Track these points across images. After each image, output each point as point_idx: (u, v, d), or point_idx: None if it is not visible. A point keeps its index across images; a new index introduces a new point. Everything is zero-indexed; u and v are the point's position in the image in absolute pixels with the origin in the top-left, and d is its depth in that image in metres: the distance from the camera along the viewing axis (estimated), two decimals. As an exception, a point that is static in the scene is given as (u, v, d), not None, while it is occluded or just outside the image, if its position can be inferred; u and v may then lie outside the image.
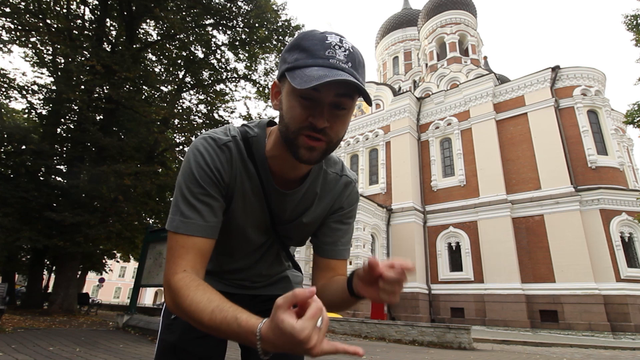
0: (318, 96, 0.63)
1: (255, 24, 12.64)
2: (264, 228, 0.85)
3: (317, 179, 0.84)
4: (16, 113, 13.67)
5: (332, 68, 0.61)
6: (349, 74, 0.62)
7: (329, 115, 0.64)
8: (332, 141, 0.67)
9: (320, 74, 0.59)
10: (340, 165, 0.89)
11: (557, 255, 17.23)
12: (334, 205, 0.87)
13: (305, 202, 0.84)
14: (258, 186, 0.79)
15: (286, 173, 0.79)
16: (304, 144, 0.66)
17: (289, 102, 0.66)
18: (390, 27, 38.01)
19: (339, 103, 0.64)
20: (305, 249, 20.95)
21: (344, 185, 0.87)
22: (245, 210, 0.80)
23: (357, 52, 0.66)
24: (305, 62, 0.63)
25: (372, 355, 6.20)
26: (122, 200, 10.64)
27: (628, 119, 10.53)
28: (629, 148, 25.10)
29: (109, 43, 12.23)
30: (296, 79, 0.61)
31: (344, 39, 0.65)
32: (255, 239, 0.86)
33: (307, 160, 0.67)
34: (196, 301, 0.61)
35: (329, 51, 0.62)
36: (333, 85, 0.61)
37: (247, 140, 0.78)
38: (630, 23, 10.19)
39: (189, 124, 12.64)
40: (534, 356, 7.56)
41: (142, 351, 4.86)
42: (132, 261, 23.51)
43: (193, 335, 0.84)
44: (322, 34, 0.65)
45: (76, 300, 12.07)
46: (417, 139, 24.33)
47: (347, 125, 0.69)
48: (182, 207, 0.70)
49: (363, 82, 0.65)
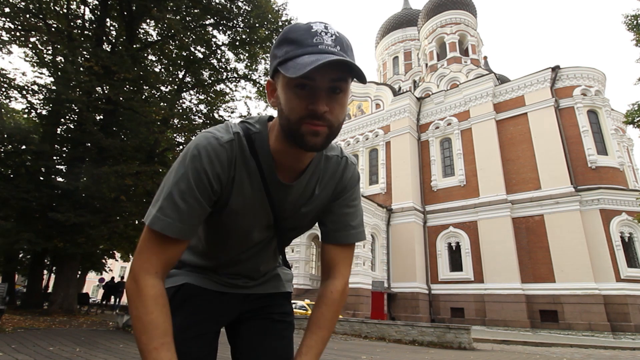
0: (313, 84, 0.64)
1: (256, 24, 12.63)
2: (265, 224, 0.85)
3: (319, 166, 0.84)
4: (16, 113, 13.65)
5: (322, 53, 0.62)
6: (339, 56, 0.62)
7: (327, 100, 0.65)
8: (333, 125, 0.67)
9: (312, 60, 0.60)
10: (339, 148, 0.89)
11: (557, 255, 17.23)
12: (336, 188, 0.87)
13: (307, 191, 0.84)
14: (259, 183, 0.78)
15: (291, 166, 0.79)
16: (307, 130, 0.66)
17: (286, 94, 0.66)
18: (390, 27, 38.02)
19: (334, 87, 0.65)
20: (305, 249, 20.96)
21: (344, 166, 0.87)
22: (245, 209, 0.79)
23: (343, 37, 0.67)
24: (295, 53, 0.63)
25: (372, 355, 6.20)
26: (124, 200, 10.64)
27: (628, 119, 10.53)
28: (629, 148, 25.11)
29: (108, 43, 12.22)
30: (289, 69, 0.62)
31: (328, 25, 0.66)
32: (256, 236, 0.86)
33: (313, 146, 0.68)
34: (154, 324, 0.66)
35: (317, 38, 0.63)
36: (327, 70, 0.62)
37: (250, 137, 0.77)
38: (630, 23, 10.19)
39: (189, 124, 12.62)
40: (534, 356, 7.56)
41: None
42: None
43: (187, 335, 0.84)
44: (307, 24, 0.66)
45: (76, 300, 12.06)
46: (417, 139, 24.34)
47: (345, 108, 0.70)
48: (163, 203, 0.69)
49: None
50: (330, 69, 0.62)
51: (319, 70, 0.60)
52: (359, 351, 6.69)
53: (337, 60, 0.60)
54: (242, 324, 0.95)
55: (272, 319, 0.96)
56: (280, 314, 0.97)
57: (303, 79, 0.62)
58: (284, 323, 0.97)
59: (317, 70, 0.59)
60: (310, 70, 0.58)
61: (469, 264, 19.71)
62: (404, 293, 20.05)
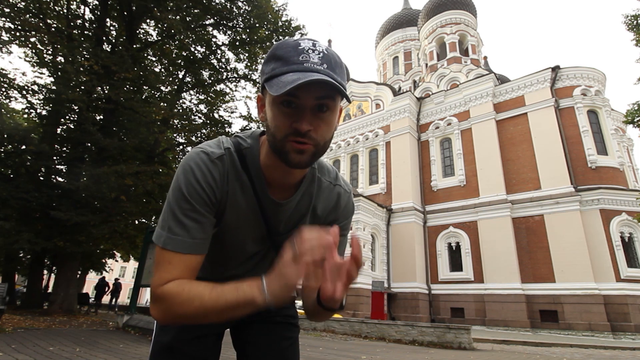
0: (298, 102, 0.64)
1: (256, 24, 12.64)
2: (259, 238, 0.85)
3: (311, 186, 0.84)
4: (16, 113, 13.65)
5: (306, 72, 0.62)
6: (324, 74, 0.62)
7: (312, 118, 0.65)
8: (318, 144, 0.67)
9: (294, 78, 0.60)
10: (334, 174, 0.89)
11: (557, 255, 17.23)
12: (327, 216, 0.87)
13: (299, 211, 0.84)
14: (252, 198, 0.78)
15: (281, 181, 0.79)
16: (292, 148, 0.66)
17: (272, 111, 0.67)
18: (390, 27, 38.02)
19: (320, 105, 0.65)
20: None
21: (337, 195, 0.87)
22: (239, 222, 0.80)
23: (332, 53, 0.66)
24: (280, 70, 0.64)
25: (372, 355, 6.20)
26: (124, 200, 10.64)
27: (628, 119, 10.53)
28: (629, 148, 25.10)
29: (108, 43, 12.23)
30: (273, 87, 0.62)
31: (317, 42, 0.66)
32: (250, 249, 0.86)
33: (298, 164, 0.68)
34: (194, 289, 0.64)
35: (303, 56, 0.63)
36: (311, 88, 0.62)
37: (241, 152, 0.78)
38: (630, 23, 10.20)
39: (189, 124, 12.64)
40: (534, 356, 7.56)
41: (142, 351, 4.86)
42: (132, 261, 23.55)
43: (189, 336, 0.83)
44: (295, 41, 0.66)
45: (76, 300, 12.07)
46: (417, 139, 24.34)
47: (332, 127, 0.69)
48: (170, 222, 0.70)
49: (342, 81, 0.66)
50: (314, 87, 0.62)
51: (302, 89, 0.61)
52: (359, 351, 6.69)
53: (318, 80, 0.60)
54: (247, 328, 0.95)
55: (276, 321, 0.96)
56: (285, 317, 0.97)
57: (288, 97, 0.63)
58: (288, 325, 0.97)
59: (300, 88, 0.60)
60: (293, 89, 0.59)
61: (469, 264, 19.70)
62: (404, 293, 20.05)
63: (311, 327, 10.89)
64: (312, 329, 10.74)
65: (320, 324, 10.78)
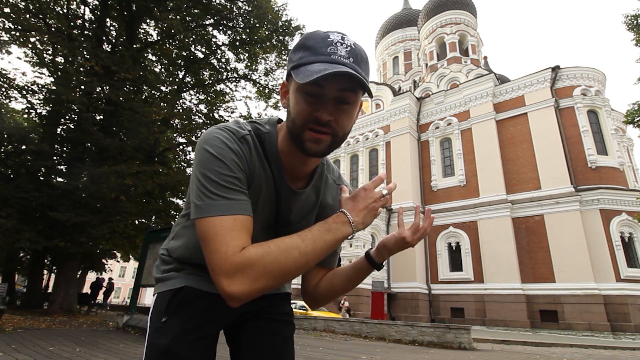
0: (322, 91, 0.65)
1: (256, 24, 12.64)
2: (266, 227, 0.85)
3: (320, 181, 0.86)
4: (16, 113, 13.65)
5: (333, 63, 0.64)
6: (350, 68, 0.64)
7: (334, 109, 0.67)
8: (337, 134, 0.70)
9: (321, 68, 0.62)
10: (337, 173, 0.92)
11: (557, 255, 17.23)
12: (331, 214, 0.86)
13: (309, 203, 0.86)
14: (272, 183, 0.79)
15: (295, 170, 0.80)
16: (309, 137, 0.68)
17: (295, 98, 0.69)
18: (390, 27, 38.02)
19: (342, 97, 0.66)
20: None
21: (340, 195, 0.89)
22: (256, 207, 0.78)
23: (359, 49, 0.68)
24: (308, 60, 0.66)
25: (372, 355, 6.20)
26: (124, 200, 10.64)
27: (628, 119, 10.54)
28: (629, 148, 25.11)
29: (108, 43, 12.22)
30: (299, 75, 0.64)
31: (345, 36, 0.68)
32: (256, 237, 0.85)
33: (314, 153, 0.70)
34: (281, 244, 0.65)
35: (331, 48, 0.65)
36: (336, 80, 0.64)
37: (260, 136, 0.78)
38: (630, 23, 10.20)
39: (189, 124, 12.63)
40: (534, 356, 7.56)
41: (142, 351, 4.85)
42: (132, 261, 23.53)
43: (186, 338, 0.82)
44: (325, 33, 0.68)
45: (76, 300, 12.06)
46: (417, 139, 24.34)
47: (352, 119, 0.71)
48: (216, 190, 0.66)
49: (366, 76, 0.68)
50: (338, 79, 0.63)
51: (327, 79, 0.63)
52: (359, 351, 6.69)
53: (343, 72, 0.62)
54: (242, 325, 0.94)
55: (272, 319, 0.95)
56: (281, 314, 0.97)
57: (312, 86, 0.64)
58: (284, 323, 0.96)
59: (325, 79, 0.61)
60: (318, 78, 0.60)
61: (469, 264, 19.71)
62: (404, 293, 20.06)
63: (311, 327, 10.89)
64: (312, 329, 10.74)
65: (320, 324, 10.77)
